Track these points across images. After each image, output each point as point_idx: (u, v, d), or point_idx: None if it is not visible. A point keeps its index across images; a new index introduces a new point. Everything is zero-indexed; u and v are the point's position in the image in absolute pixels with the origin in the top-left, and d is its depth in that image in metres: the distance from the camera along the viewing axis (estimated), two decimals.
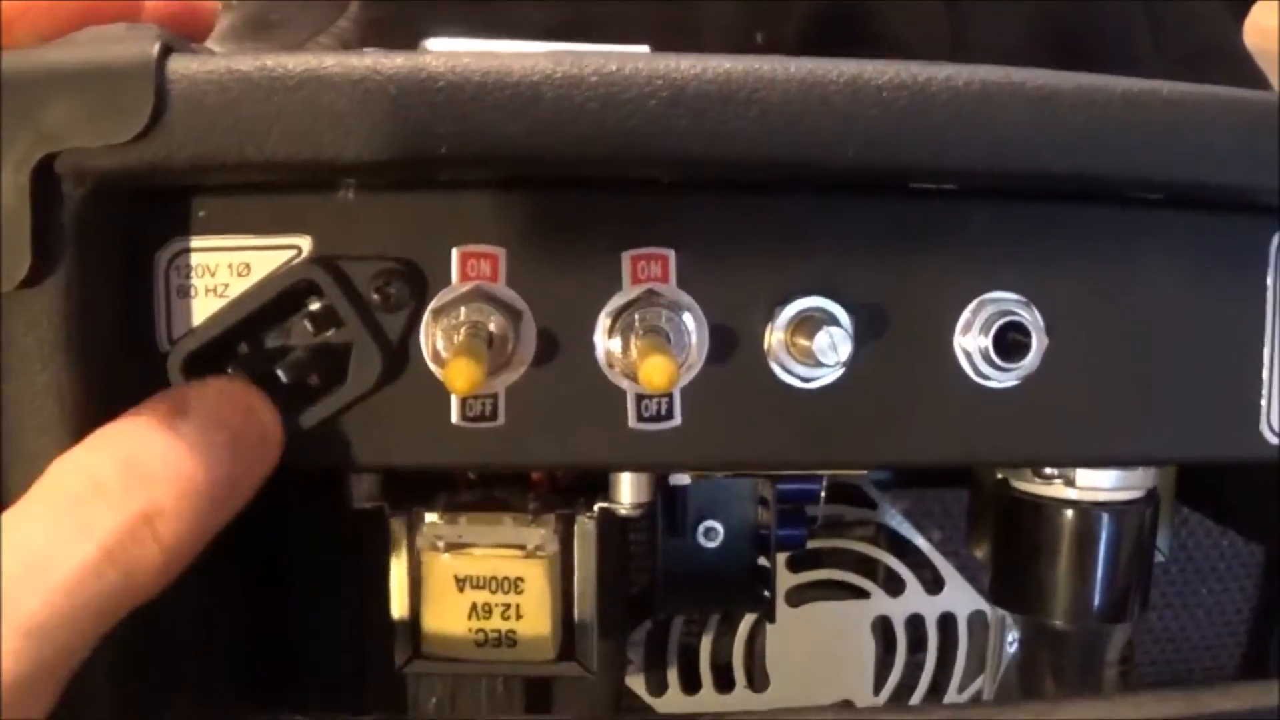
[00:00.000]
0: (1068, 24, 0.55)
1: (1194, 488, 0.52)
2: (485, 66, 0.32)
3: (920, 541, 0.56)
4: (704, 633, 0.56)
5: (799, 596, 0.55)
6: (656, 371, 0.33)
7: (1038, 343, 0.36)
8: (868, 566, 0.56)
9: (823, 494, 0.49)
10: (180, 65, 0.32)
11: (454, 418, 0.36)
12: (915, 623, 0.56)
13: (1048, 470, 0.42)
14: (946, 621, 0.56)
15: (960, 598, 0.56)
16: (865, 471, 0.45)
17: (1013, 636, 0.51)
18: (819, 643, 0.55)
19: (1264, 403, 0.39)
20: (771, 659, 0.55)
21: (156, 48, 0.32)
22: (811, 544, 0.54)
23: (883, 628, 0.56)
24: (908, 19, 0.54)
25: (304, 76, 0.32)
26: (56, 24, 0.34)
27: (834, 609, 0.55)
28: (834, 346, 0.35)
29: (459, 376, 0.33)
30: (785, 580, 0.55)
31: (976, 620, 0.56)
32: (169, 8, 0.36)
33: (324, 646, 0.49)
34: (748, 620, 0.55)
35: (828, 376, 0.36)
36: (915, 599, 0.56)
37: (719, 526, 0.48)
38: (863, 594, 0.56)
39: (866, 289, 0.37)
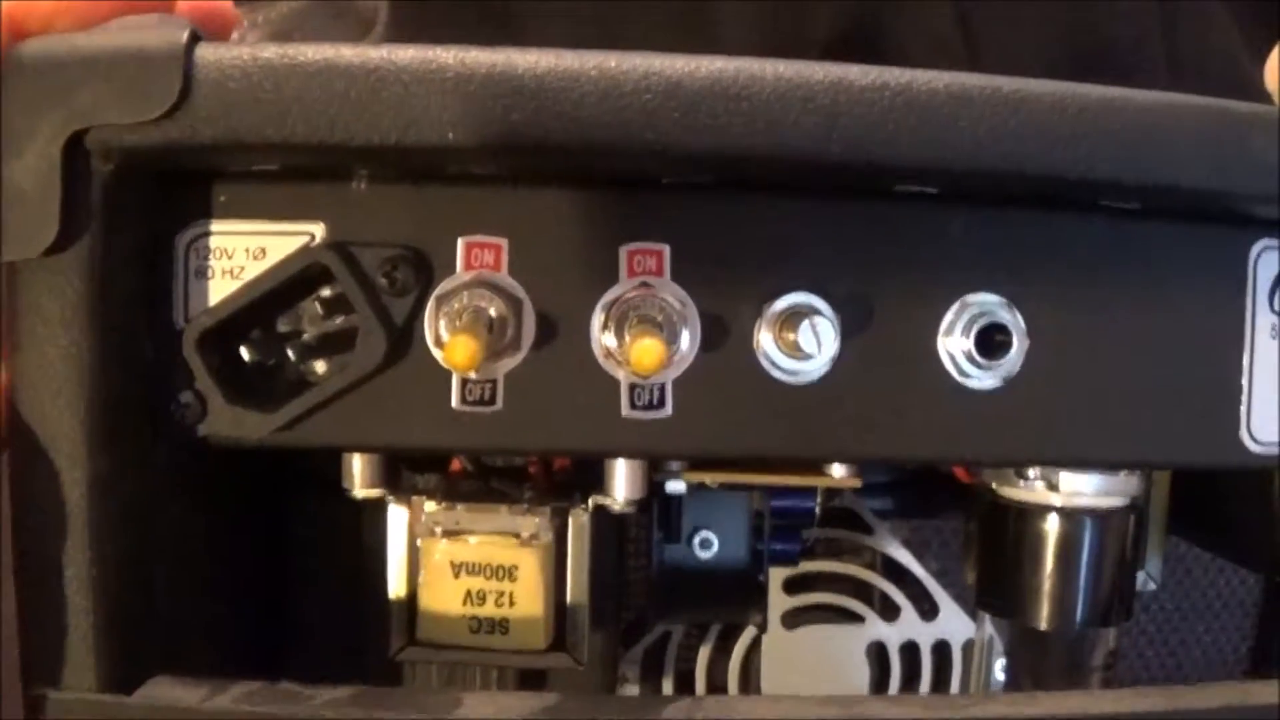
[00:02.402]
0: (1082, 57, 0.57)
1: (1188, 515, 0.52)
2: (492, 60, 0.34)
3: (916, 568, 0.56)
4: (698, 655, 0.56)
5: (794, 619, 0.56)
6: (647, 354, 0.35)
7: (1019, 343, 0.38)
8: (863, 591, 0.57)
9: (817, 511, 0.50)
10: (207, 51, 0.34)
11: (454, 401, 0.38)
12: (910, 649, 0.57)
13: (1031, 474, 0.43)
14: (941, 649, 0.57)
15: (955, 625, 0.56)
16: (858, 483, 0.45)
17: (1001, 664, 0.52)
18: (814, 666, 0.56)
19: (1243, 410, 0.40)
20: (766, 681, 0.56)
21: (186, 35, 0.34)
22: (807, 566, 0.55)
23: (877, 653, 0.57)
24: (922, 46, 0.56)
25: (322, 65, 0.34)
26: (96, 18, 0.36)
27: (829, 633, 0.56)
28: (817, 335, 0.36)
29: (459, 351, 0.34)
30: (780, 603, 0.56)
31: (971, 648, 0.56)
32: (196, 9, 0.38)
33: (319, 635, 0.50)
34: (743, 643, 0.56)
35: (814, 372, 0.38)
36: (910, 625, 0.56)
37: (713, 537, 0.50)
38: (858, 619, 0.57)
39: (853, 288, 0.38)
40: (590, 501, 0.42)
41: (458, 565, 0.41)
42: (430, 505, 0.42)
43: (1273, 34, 0.66)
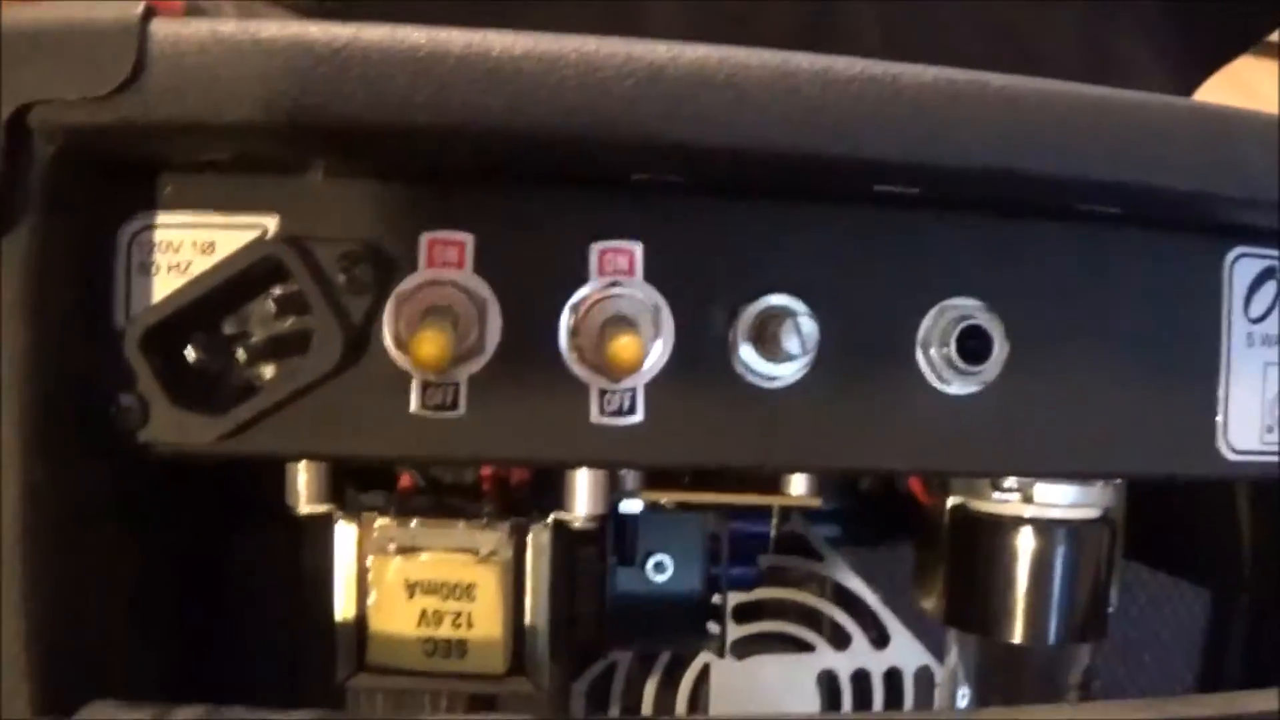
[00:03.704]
0: None
1: (1138, 531, 0.52)
2: (466, 40, 0.32)
3: (867, 595, 0.55)
4: (646, 686, 0.54)
5: (743, 648, 0.54)
6: (624, 350, 0.34)
7: (999, 348, 0.37)
8: (813, 619, 0.55)
9: (773, 535, 0.49)
10: (163, 26, 0.32)
11: (413, 406, 0.36)
12: (861, 678, 0.55)
13: (1005, 485, 0.42)
14: (892, 676, 0.55)
15: (906, 653, 0.55)
16: (818, 502, 0.44)
17: (965, 691, 0.51)
18: (763, 696, 0.54)
19: (1219, 419, 0.39)
20: (715, 712, 0.54)
21: (140, 8, 0.32)
22: (757, 594, 0.54)
23: (828, 682, 0.55)
24: None
25: (286, 42, 0.32)
26: None
27: (779, 662, 0.55)
28: (799, 334, 0.35)
29: (427, 347, 0.32)
30: (730, 631, 0.54)
31: (923, 676, 0.55)
32: None
33: (261, 658, 0.47)
34: (691, 673, 0.54)
35: (790, 376, 0.37)
36: (861, 653, 0.55)
37: (668, 561, 0.48)
38: (808, 647, 0.55)
39: (831, 291, 0.37)
40: (550, 517, 0.40)
41: (412, 584, 0.39)
42: (383, 521, 0.39)
43: (1196, 78, 0.68)
